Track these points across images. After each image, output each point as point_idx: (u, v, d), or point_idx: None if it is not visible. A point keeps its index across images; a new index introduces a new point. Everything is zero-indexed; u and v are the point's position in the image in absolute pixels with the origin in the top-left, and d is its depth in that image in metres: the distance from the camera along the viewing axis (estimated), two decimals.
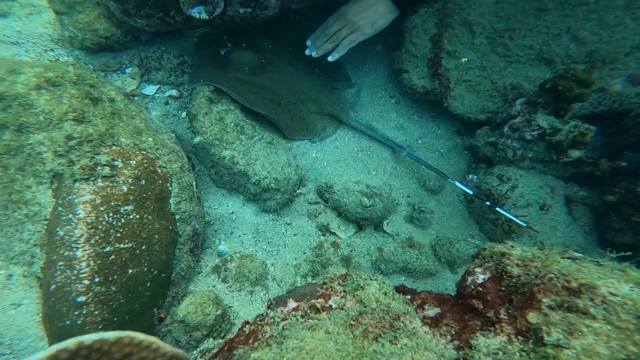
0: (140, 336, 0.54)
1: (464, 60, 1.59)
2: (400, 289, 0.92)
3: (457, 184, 1.57)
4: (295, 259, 1.52)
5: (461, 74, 1.60)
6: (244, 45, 1.64)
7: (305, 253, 1.54)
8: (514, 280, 0.64)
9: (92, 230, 1.04)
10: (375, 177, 1.71)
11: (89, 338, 0.50)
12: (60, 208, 1.07)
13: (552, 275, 0.59)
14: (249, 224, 1.56)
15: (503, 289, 0.66)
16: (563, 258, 0.66)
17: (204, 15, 1.38)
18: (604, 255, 1.58)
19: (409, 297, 0.86)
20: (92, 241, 1.04)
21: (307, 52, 1.66)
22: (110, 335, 0.50)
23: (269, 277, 1.47)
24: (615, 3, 1.43)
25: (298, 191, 1.64)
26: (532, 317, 0.56)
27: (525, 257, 0.68)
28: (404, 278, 1.56)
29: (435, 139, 1.86)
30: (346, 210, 1.56)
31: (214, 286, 1.39)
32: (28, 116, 1.12)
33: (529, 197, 1.56)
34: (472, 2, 1.53)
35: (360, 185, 1.59)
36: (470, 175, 1.70)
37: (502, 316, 0.61)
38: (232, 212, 1.57)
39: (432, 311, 0.74)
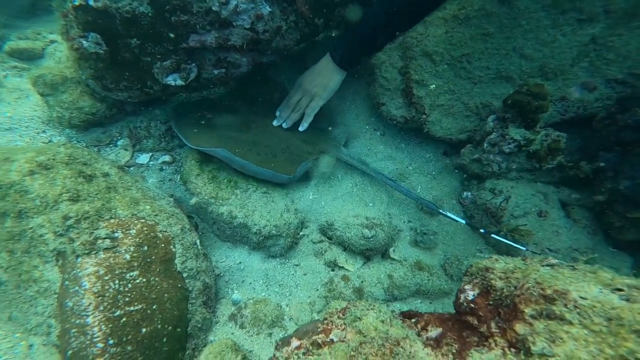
0: None
1: (432, 87, 1.71)
2: (407, 314, 0.95)
3: (449, 215, 1.60)
4: (309, 297, 1.55)
5: (433, 100, 1.72)
6: (223, 111, 1.75)
7: (317, 290, 1.57)
8: (498, 293, 0.68)
9: (100, 298, 1.12)
10: (373, 209, 1.77)
11: None
12: (67, 282, 1.16)
13: (529, 285, 0.63)
14: (258, 271, 1.62)
15: (491, 302, 0.69)
16: (542, 266, 0.70)
17: (180, 82, 1.52)
18: (615, 255, 1.59)
19: (414, 320, 0.89)
20: (101, 307, 1.11)
21: (275, 122, 1.78)
22: None
23: (285, 317, 1.50)
24: (543, 23, 1.58)
25: (301, 233, 1.71)
26: (519, 328, 0.60)
27: (507, 269, 0.72)
28: (419, 301, 1.57)
29: (425, 163, 1.94)
30: (350, 244, 1.61)
31: (232, 333, 1.43)
32: (25, 202, 1.22)
33: (524, 206, 1.60)
34: (426, 35, 1.68)
35: (359, 219, 1.65)
36: (465, 193, 1.76)
37: (493, 330, 0.65)
38: (240, 262, 1.64)
39: (434, 332, 0.77)
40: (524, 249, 1.45)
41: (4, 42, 2.16)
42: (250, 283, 1.59)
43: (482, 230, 1.56)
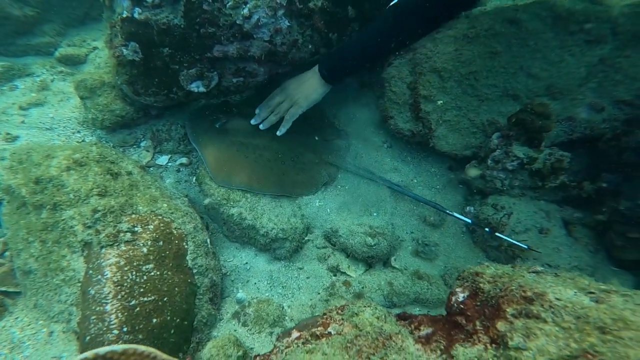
0: (141, 348, 0.67)
1: (439, 102, 1.77)
2: (402, 316, 1.00)
3: (456, 215, 1.66)
4: (311, 299, 1.60)
5: (440, 115, 1.78)
6: (237, 116, 1.82)
7: (319, 293, 1.62)
8: (485, 295, 0.73)
9: (119, 287, 1.20)
10: (377, 218, 1.82)
11: (102, 350, 0.63)
12: (91, 271, 1.25)
13: (513, 287, 0.68)
14: (263, 272, 1.68)
15: (478, 303, 0.74)
16: (529, 273, 0.75)
17: (202, 89, 1.62)
18: (617, 274, 1.59)
19: (408, 321, 0.94)
20: (119, 297, 1.19)
21: (252, 121, 1.78)
22: (119, 347, 0.64)
23: (287, 318, 1.55)
24: (551, 44, 1.62)
25: (306, 238, 1.77)
26: (501, 325, 0.64)
27: (496, 275, 0.77)
28: (418, 309, 1.61)
29: (429, 177, 1.99)
30: (353, 250, 1.67)
31: (235, 330, 1.48)
32: (61, 195, 1.33)
33: (525, 222, 1.63)
34: (436, 51, 1.75)
35: (363, 227, 1.71)
36: (467, 207, 1.79)
37: (478, 328, 0.69)
38: (246, 263, 1.70)
39: (426, 331, 0.82)
40: (525, 247, 1.48)
41: (56, 49, 2.35)
42: (255, 283, 1.65)
43: (487, 230, 1.59)
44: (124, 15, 1.38)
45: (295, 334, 0.87)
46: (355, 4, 1.71)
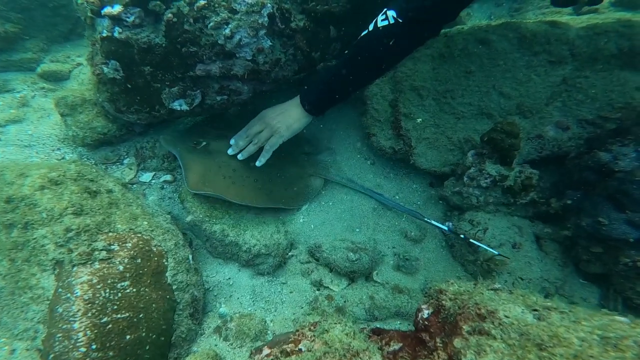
0: None
1: (419, 120, 1.83)
2: (376, 331, 1.03)
3: (433, 222, 1.73)
4: (294, 313, 1.62)
5: (419, 133, 1.84)
6: (217, 137, 1.80)
7: (302, 307, 1.64)
8: (446, 312, 0.77)
9: (89, 305, 1.20)
10: (360, 234, 1.87)
11: None
12: (60, 289, 1.24)
13: (470, 305, 0.72)
14: (246, 287, 1.69)
15: (440, 320, 0.78)
16: (488, 290, 0.79)
17: (185, 107, 1.65)
18: (585, 286, 1.66)
19: (380, 336, 0.97)
20: (89, 314, 1.19)
21: (229, 151, 1.72)
22: None
23: (269, 332, 1.57)
24: (518, 63, 1.71)
25: (290, 253, 1.80)
26: (457, 342, 0.68)
27: (458, 292, 0.81)
28: (399, 322, 1.63)
29: (411, 193, 2.04)
30: (336, 265, 1.70)
31: (215, 345, 1.49)
32: (33, 214, 1.33)
33: (500, 237, 1.69)
34: (415, 70, 1.82)
35: (345, 242, 1.75)
36: (447, 222, 1.85)
37: (438, 344, 0.73)
38: (229, 278, 1.72)
39: (395, 346, 0.85)
40: (496, 253, 1.56)
41: (38, 65, 2.36)
42: (238, 298, 1.66)
43: (462, 236, 1.65)
44: (104, 35, 1.42)
45: (266, 350, 0.89)
46: (336, 24, 1.78)
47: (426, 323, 0.81)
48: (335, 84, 1.52)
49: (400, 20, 1.28)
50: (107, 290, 1.24)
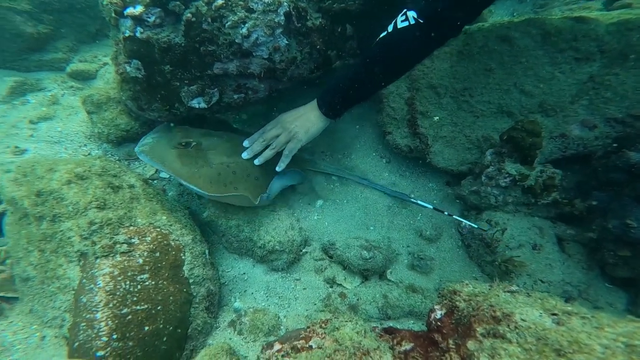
0: None
1: (435, 118, 1.80)
2: (388, 330, 1.03)
3: (419, 202, 1.77)
4: (306, 310, 1.64)
5: (436, 131, 1.81)
6: (203, 136, 1.73)
7: (315, 304, 1.65)
8: (460, 313, 0.75)
9: (111, 296, 1.25)
10: (374, 232, 1.86)
11: None
12: (84, 280, 1.30)
13: (484, 307, 0.70)
14: (260, 282, 1.72)
15: (453, 322, 0.76)
16: (504, 292, 0.77)
17: (203, 105, 1.68)
18: (611, 291, 1.60)
19: (392, 335, 0.96)
20: (111, 305, 1.24)
21: (244, 155, 1.67)
22: None
23: (282, 327, 1.59)
24: (541, 60, 1.64)
25: (304, 250, 1.81)
26: (471, 345, 0.67)
27: (472, 293, 0.79)
28: (412, 321, 1.62)
29: (427, 192, 2.01)
30: (349, 263, 1.70)
31: (230, 339, 1.52)
32: (60, 207, 1.39)
33: (519, 238, 1.64)
34: (433, 68, 1.78)
35: (359, 240, 1.75)
36: (463, 222, 1.81)
37: (451, 346, 0.72)
38: (244, 273, 1.75)
39: (406, 346, 0.84)
40: (475, 226, 1.63)
41: (68, 64, 2.47)
42: (252, 293, 1.69)
43: (445, 213, 1.71)
44: (127, 35, 1.46)
45: (277, 346, 0.90)
46: (352, 22, 1.77)
47: (439, 324, 0.80)
48: (353, 87, 1.50)
49: (421, 21, 1.27)
50: (127, 282, 1.29)
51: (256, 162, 1.67)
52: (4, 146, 2.01)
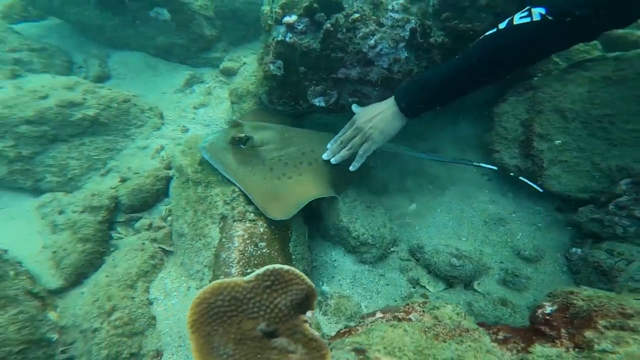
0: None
1: (557, 142, 1.70)
2: (481, 324, 1.03)
3: (482, 164, 1.75)
4: (387, 304, 1.68)
5: (555, 155, 1.71)
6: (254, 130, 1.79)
7: (396, 301, 1.70)
8: (576, 309, 0.74)
9: (241, 255, 1.44)
10: (466, 243, 1.82)
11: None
12: (224, 239, 1.52)
13: (611, 305, 0.68)
14: (348, 271, 1.83)
15: (567, 316, 0.75)
16: (635, 300, 0.73)
17: (322, 104, 1.89)
18: None
19: (486, 327, 0.97)
20: (241, 263, 1.42)
21: (324, 156, 1.74)
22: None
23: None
24: None
25: (392, 249, 1.88)
26: (589, 333, 0.66)
27: (593, 295, 0.77)
28: None
29: (531, 214, 1.89)
30: (436, 267, 1.72)
31: (316, 316, 1.64)
32: (212, 176, 1.67)
33: None
34: (563, 92, 1.71)
35: (450, 248, 1.75)
36: (574, 249, 1.66)
37: (562, 334, 0.71)
38: (335, 260, 1.88)
39: (504, 335, 0.85)
40: (541, 190, 1.61)
41: (220, 63, 3.04)
42: (339, 280, 1.81)
43: (511, 174, 1.70)
44: (279, 39, 1.77)
45: (379, 314, 0.99)
46: (474, 40, 1.82)
47: (547, 317, 0.80)
48: (444, 84, 1.44)
49: (551, 18, 1.17)
50: (252, 247, 1.48)
51: (332, 160, 1.73)
52: (177, 125, 2.55)
